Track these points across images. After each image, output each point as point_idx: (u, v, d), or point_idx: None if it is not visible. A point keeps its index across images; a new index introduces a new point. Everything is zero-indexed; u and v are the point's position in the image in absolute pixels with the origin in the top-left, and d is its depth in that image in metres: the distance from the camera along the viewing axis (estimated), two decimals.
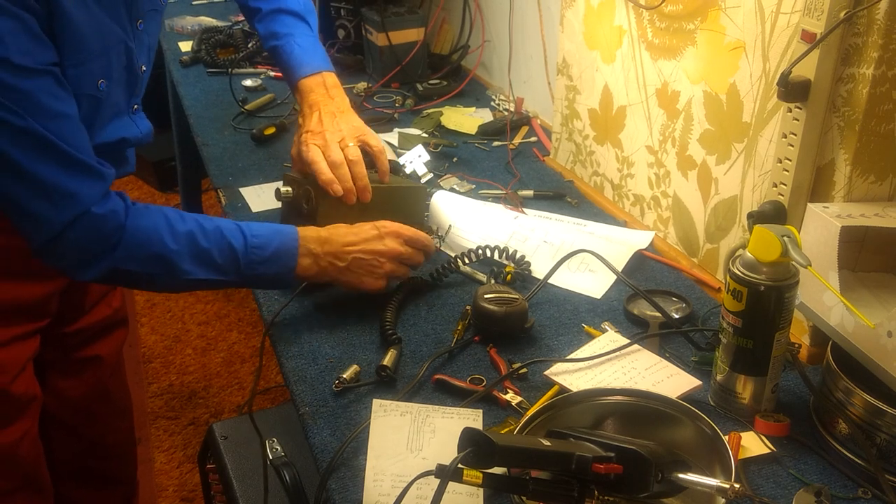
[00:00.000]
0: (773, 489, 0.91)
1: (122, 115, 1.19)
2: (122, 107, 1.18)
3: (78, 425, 1.47)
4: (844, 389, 0.92)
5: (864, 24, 0.96)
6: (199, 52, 2.36)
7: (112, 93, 1.11)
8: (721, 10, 1.19)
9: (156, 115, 3.08)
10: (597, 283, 1.29)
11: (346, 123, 1.31)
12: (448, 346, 1.15)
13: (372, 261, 1.16)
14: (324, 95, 1.35)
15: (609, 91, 1.50)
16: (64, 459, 1.47)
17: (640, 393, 0.97)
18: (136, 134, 1.22)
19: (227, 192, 1.60)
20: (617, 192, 1.53)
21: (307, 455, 1.03)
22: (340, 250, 1.15)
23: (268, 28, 1.43)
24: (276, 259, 1.12)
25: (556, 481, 0.78)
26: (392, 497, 0.88)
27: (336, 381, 1.07)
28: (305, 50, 1.39)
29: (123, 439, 1.61)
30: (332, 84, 1.37)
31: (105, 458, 1.55)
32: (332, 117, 1.31)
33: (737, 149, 1.20)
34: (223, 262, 1.09)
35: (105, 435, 1.53)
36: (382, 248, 1.17)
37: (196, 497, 2.15)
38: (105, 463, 1.56)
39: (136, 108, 1.22)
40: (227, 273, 1.10)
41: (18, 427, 1.21)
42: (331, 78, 1.38)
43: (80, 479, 1.52)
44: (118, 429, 1.58)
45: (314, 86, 1.36)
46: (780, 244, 0.90)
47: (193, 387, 2.57)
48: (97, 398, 1.48)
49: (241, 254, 1.09)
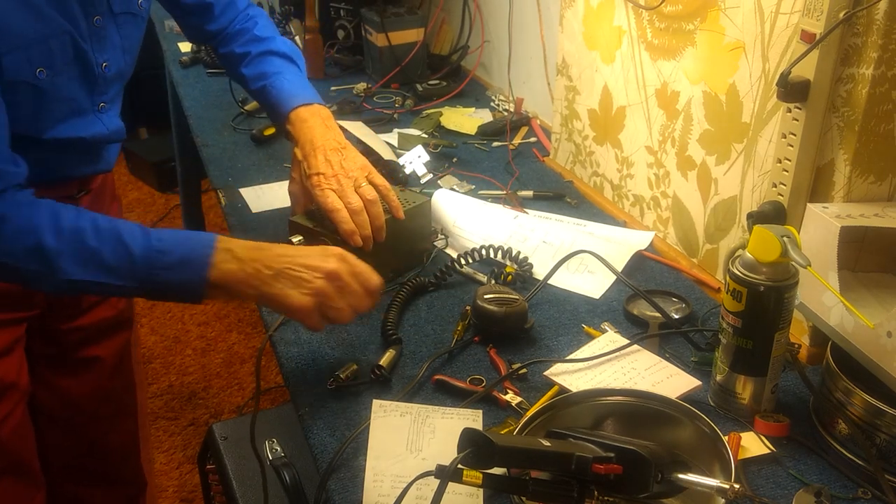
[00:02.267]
0: (772, 489, 0.91)
1: (85, 113, 1.17)
2: (82, 104, 1.15)
3: (77, 424, 1.47)
4: (844, 390, 0.92)
5: (864, 25, 0.96)
6: (199, 52, 2.36)
7: (60, 86, 1.08)
8: (720, 11, 1.19)
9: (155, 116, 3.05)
10: (596, 284, 1.29)
11: (351, 161, 1.25)
12: (448, 346, 1.15)
13: (303, 273, 1.03)
14: (321, 128, 1.29)
15: (609, 91, 1.50)
16: (62, 457, 1.47)
17: (639, 393, 0.97)
18: (100, 132, 1.19)
19: (227, 192, 1.60)
20: (616, 193, 1.53)
21: (307, 455, 1.03)
22: (273, 258, 1.04)
23: (256, 69, 1.39)
24: (184, 265, 1.01)
25: (555, 482, 0.78)
26: (392, 497, 0.88)
27: (331, 380, 1.06)
28: (295, 84, 1.36)
29: (126, 440, 1.61)
30: (326, 116, 1.32)
31: (106, 458, 1.55)
32: (337, 155, 1.25)
33: (736, 149, 1.20)
34: (115, 263, 0.99)
35: (106, 435, 1.53)
36: (320, 265, 1.04)
37: (196, 497, 2.15)
38: (107, 463, 1.56)
39: (102, 106, 1.19)
40: (120, 277, 1.00)
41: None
42: (324, 111, 1.33)
43: (80, 476, 1.52)
44: (120, 429, 1.58)
45: (308, 116, 1.30)
46: (780, 244, 0.90)
47: (193, 387, 2.57)
48: (97, 399, 1.48)
49: (138, 256, 0.99)
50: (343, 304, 1.03)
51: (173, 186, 3.46)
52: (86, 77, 1.13)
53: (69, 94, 1.12)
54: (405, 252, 1.32)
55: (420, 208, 1.33)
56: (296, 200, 1.30)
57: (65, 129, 1.14)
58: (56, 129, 1.12)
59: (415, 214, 1.31)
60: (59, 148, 1.14)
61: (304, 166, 1.25)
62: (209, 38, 1.47)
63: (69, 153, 1.18)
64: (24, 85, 1.03)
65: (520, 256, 1.31)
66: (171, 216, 3.51)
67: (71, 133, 1.15)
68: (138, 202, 3.67)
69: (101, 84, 1.16)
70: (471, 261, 1.32)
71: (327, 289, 1.02)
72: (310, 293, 1.02)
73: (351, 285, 1.04)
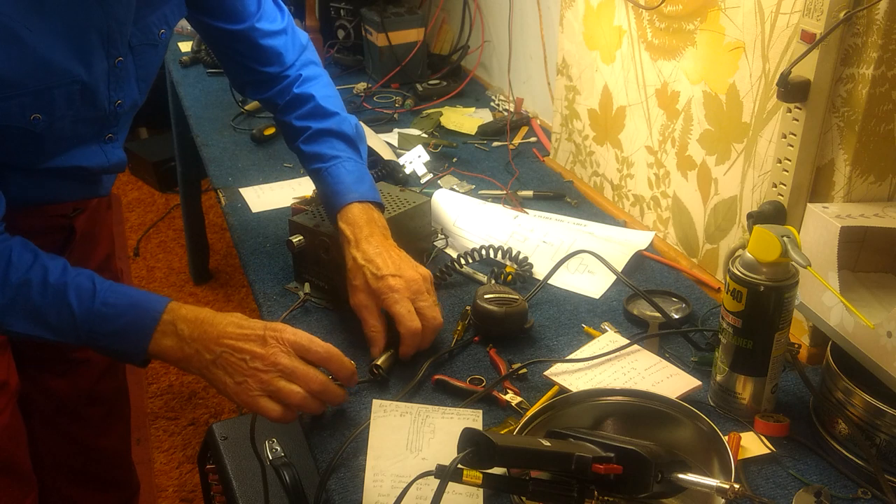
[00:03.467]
0: (772, 489, 0.91)
1: (89, 144, 1.14)
2: (87, 137, 1.13)
3: (68, 426, 1.47)
4: (844, 390, 0.92)
5: (864, 25, 0.96)
6: (199, 52, 2.36)
7: (61, 129, 1.05)
8: (721, 11, 1.19)
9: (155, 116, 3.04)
10: (596, 284, 1.29)
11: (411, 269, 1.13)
12: (448, 346, 1.15)
13: (240, 362, 0.95)
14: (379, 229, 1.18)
15: (609, 91, 1.50)
16: (55, 458, 1.47)
17: (639, 393, 0.97)
18: (101, 163, 1.16)
19: (227, 192, 1.60)
20: (617, 193, 1.53)
21: (307, 455, 1.03)
22: (213, 340, 0.97)
23: (314, 149, 1.27)
24: (124, 335, 0.98)
25: (555, 482, 0.78)
26: (391, 497, 0.88)
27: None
28: (353, 175, 1.23)
29: (117, 443, 1.60)
30: (378, 218, 1.20)
31: (97, 460, 1.55)
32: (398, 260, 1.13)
33: (736, 149, 1.20)
34: (57, 323, 0.97)
35: (96, 438, 1.53)
36: (259, 352, 0.95)
37: (196, 497, 2.15)
38: (98, 465, 1.55)
39: (109, 137, 1.16)
40: (63, 335, 0.98)
41: None
42: (377, 212, 1.21)
43: (73, 478, 1.52)
44: (111, 433, 1.57)
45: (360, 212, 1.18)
46: (780, 244, 0.90)
47: (193, 387, 2.57)
48: (88, 401, 1.47)
49: (80, 319, 0.96)
50: (294, 388, 0.96)
51: (173, 186, 3.46)
52: (95, 117, 1.10)
53: (72, 133, 1.09)
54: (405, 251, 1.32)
55: (420, 208, 1.32)
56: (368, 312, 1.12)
57: (63, 160, 1.11)
58: (54, 161, 1.10)
59: (415, 214, 1.31)
60: (55, 176, 1.12)
61: (370, 269, 1.12)
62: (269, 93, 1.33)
63: (67, 180, 1.16)
64: (15, 129, 1.00)
65: (519, 256, 1.31)
66: (172, 216, 3.52)
67: (70, 163, 1.12)
68: (138, 202, 3.67)
69: (111, 119, 1.14)
70: (471, 261, 1.32)
71: (266, 378, 0.95)
72: (246, 384, 0.95)
73: (298, 369, 0.96)
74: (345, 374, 1.00)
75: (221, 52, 1.33)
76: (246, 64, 1.30)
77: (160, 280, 3.11)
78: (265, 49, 1.28)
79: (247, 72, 1.32)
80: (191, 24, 1.28)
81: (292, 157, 1.75)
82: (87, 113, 1.08)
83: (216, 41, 1.31)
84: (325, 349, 0.99)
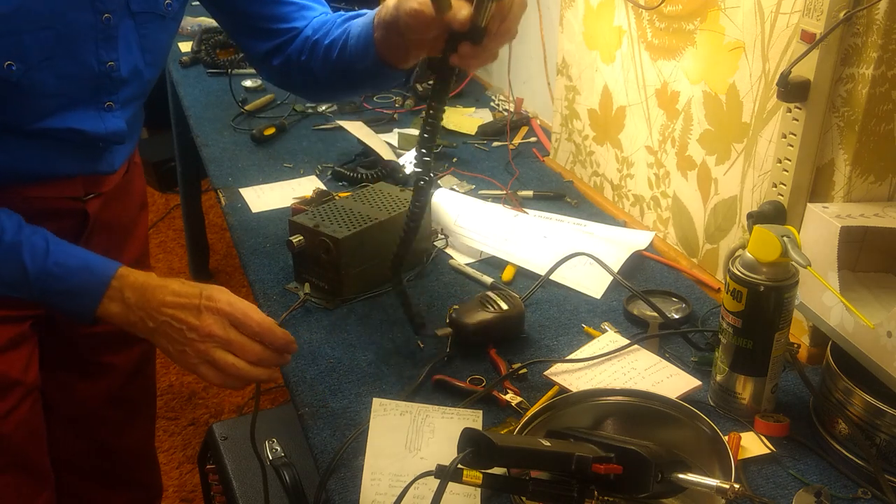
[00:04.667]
0: (772, 489, 0.91)
1: (84, 107, 1.12)
2: (79, 99, 1.10)
3: (88, 425, 1.46)
4: (844, 390, 0.92)
5: (864, 25, 0.96)
6: (199, 52, 2.36)
7: (42, 82, 1.04)
8: (720, 11, 1.19)
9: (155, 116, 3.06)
10: (597, 284, 1.29)
11: None
12: (448, 346, 1.15)
13: (178, 332, 0.98)
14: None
15: (609, 91, 1.50)
16: (74, 456, 1.46)
17: (639, 393, 0.97)
18: (97, 129, 1.14)
19: (227, 192, 1.60)
20: (617, 193, 1.53)
21: (307, 455, 1.03)
22: (154, 309, 1.00)
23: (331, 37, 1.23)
24: (74, 296, 1.01)
25: (555, 482, 0.78)
26: (389, 497, 0.88)
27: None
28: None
29: (139, 444, 1.59)
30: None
31: (116, 460, 1.54)
32: None
33: (736, 149, 1.20)
34: (12, 281, 1.00)
35: (119, 437, 1.52)
36: (194, 323, 0.98)
37: (196, 498, 2.15)
38: (118, 465, 1.55)
39: (109, 105, 1.14)
40: (19, 291, 1.01)
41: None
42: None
43: (93, 477, 1.51)
44: (134, 434, 1.55)
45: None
46: (780, 244, 0.90)
47: (193, 387, 2.57)
48: (110, 403, 1.46)
49: (32, 278, 1.00)
50: (231, 360, 0.98)
51: (173, 186, 3.45)
52: (83, 75, 1.09)
53: (58, 90, 1.07)
54: None
55: None
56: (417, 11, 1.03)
57: (56, 121, 1.09)
58: (46, 121, 1.08)
59: None
60: (52, 140, 1.10)
61: None
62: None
63: (66, 147, 1.13)
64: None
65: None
66: (172, 216, 3.52)
67: (63, 124, 1.10)
68: None
69: (107, 84, 1.12)
70: None
71: (203, 348, 0.97)
72: (185, 352, 0.98)
73: (233, 340, 0.98)
74: (279, 345, 1.01)
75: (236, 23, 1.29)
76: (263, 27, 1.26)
77: None
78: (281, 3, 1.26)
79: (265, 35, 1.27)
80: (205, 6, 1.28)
81: (292, 157, 1.76)
82: (71, 68, 1.06)
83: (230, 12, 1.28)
84: (257, 323, 0.99)
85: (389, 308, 1.24)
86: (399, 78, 1.21)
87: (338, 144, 1.83)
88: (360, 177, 1.62)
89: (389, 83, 1.27)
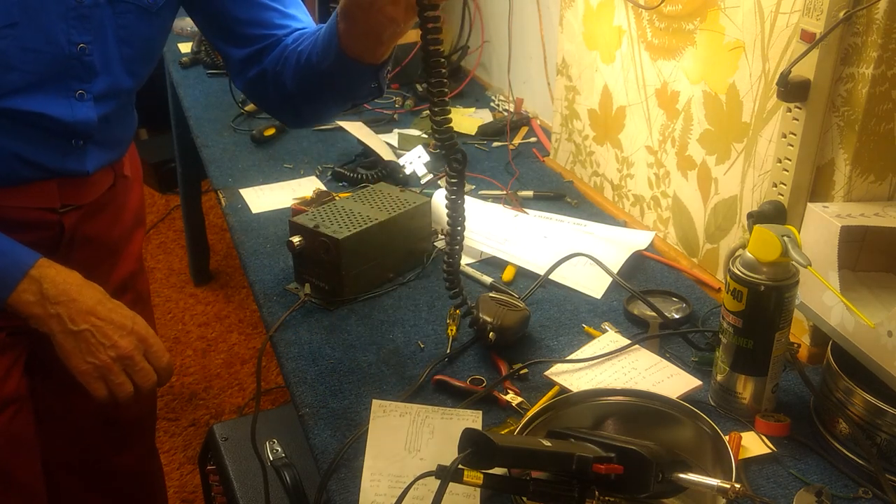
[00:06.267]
0: (773, 489, 0.91)
1: (55, 92, 1.08)
2: (47, 79, 1.07)
3: (84, 441, 1.44)
4: (845, 389, 0.92)
5: (864, 24, 0.96)
6: (199, 53, 2.36)
7: (2, 48, 1.01)
8: (720, 11, 1.19)
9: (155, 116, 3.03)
10: (597, 284, 1.29)
11: None
12: (448, 346, 1.15)
13: (98, 347, 1.03)
14: None
15: (609, 91, 1.50)
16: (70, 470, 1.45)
17: (640, 393, 0.97)
18: (65, 116, 1.10)
19: (227, 193, 1.60)
20: (617, 193, 1.53)
21: (307, 456, 1.03)
22: (80, 312, 1.03)
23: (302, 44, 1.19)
24: None
25: (556, 482, 0.78)
26: (389, 497, 0.88)
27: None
28: None
29: (138, 463, 1.56)
30: None
31: (115, 477, 1.52)
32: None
33: (736, 149, 1.20)
34: None
35: (118, 455, 1.50)
36: (118, 343, 1.04)
37: (196, 498, 2.15)
38: (116, 481, 1.53)
39: (80, 94, 1.10)
40: None
41: None
42: None
43: (89, 493, 1.50)
44: (132, 452, 1.53)
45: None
46: (780, 244, 0.90)
47: (194, 388, 2.57)
48: (106, 420, 1.45)
49: None
50: (128, 387, 1.05)
51: (173, 187, 3.45)
52: (50, 54, 1.05)
53: (21, 64, 1.04)
54: (405, 252, 1.32)
55: (420, 208, 1.32)
56: None
57: (22, 101, 1.06)
58: (12, 99, 1.05)
59: (415, 214, 1.31)
60: (20, 122, 1.07)
61: None
62: None
63: (28, 131, 1.09)
64: None
65: None
66: (172, 217, 3.52)
67: (30, 106, 1.07)
68: None
69: (78, 68, 1.08)
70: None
71: (113, 366, 1.04)
72: (91, 364, 1.03)
73: (142, 366, 1.06)
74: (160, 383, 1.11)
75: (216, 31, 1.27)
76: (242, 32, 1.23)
77: (160, 281, 3.11)
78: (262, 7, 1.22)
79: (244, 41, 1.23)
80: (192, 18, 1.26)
81: (292, 158, 1.76)
82: (37, 43, 1.04)
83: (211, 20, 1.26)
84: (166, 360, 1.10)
85: (390, 308, 1.24)
86: (369, 79, 1.11)
87: (338, 145, 1.83)
88: (360, 177, 1.62)
89: (361, 89, 1.14)
